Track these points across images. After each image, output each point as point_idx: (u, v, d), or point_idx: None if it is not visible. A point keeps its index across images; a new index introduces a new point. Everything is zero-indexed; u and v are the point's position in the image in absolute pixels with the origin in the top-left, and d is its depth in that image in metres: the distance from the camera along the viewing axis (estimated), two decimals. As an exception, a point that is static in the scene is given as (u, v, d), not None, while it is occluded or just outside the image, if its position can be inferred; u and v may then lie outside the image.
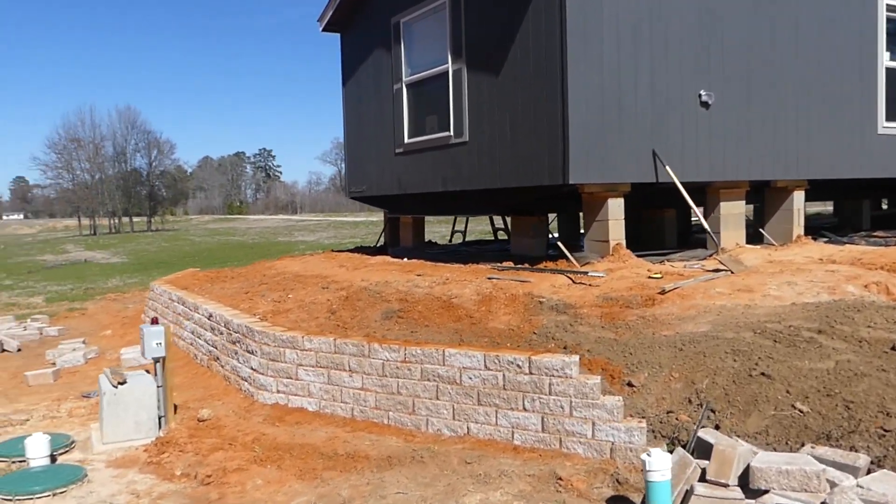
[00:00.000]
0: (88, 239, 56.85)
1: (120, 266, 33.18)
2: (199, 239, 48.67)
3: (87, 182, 69.23)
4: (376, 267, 11.23)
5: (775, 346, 6.13)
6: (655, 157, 9.33)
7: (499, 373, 5.78)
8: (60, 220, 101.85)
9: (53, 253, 43.22)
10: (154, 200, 72.58)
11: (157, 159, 73.03)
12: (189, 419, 6.78)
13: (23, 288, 25.21)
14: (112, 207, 70.40)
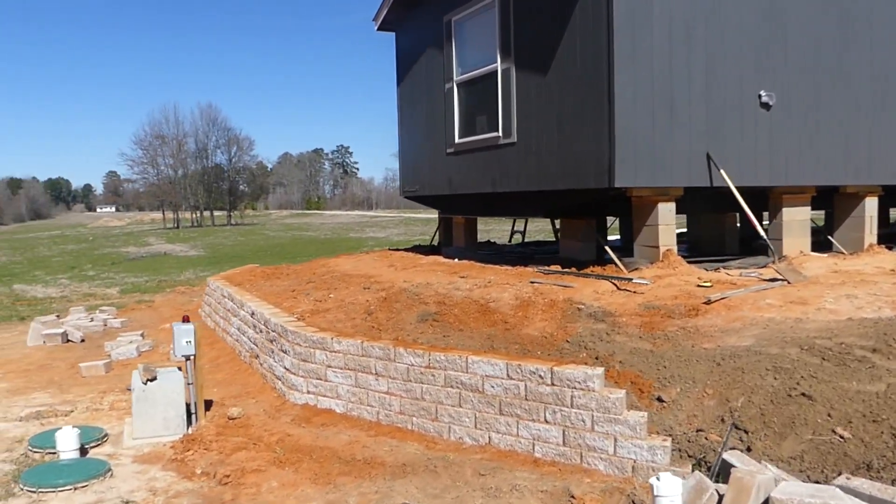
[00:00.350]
0: (170, 232, 59.02)
1: (196, 259, 34.25)
2: (274, 234, 49.83)
3: (170, 177, 71.88)
4: (424, 267, 11.15)
5: (822, 364, 5.73)
6: (710, 161, 8.92)
7: (521, 382, 5.60)
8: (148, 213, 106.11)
9: (136, 245, 45.03)
10: (233, 195, 74.73)
11: (236, 155, 75.25)
12: (220, 417, 6.85)
13: (103, 279, 26.33)
14: (194, 202, 72.86)
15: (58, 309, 16.46)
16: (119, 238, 52.25)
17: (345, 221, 61.95)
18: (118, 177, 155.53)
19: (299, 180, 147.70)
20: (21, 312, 16.67)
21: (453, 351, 6.16)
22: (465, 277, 9.63)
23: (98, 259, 36.19)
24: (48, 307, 17.39)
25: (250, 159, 77.56)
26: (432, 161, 12.78)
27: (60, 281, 26.17)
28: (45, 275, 28.91)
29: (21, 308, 18.07)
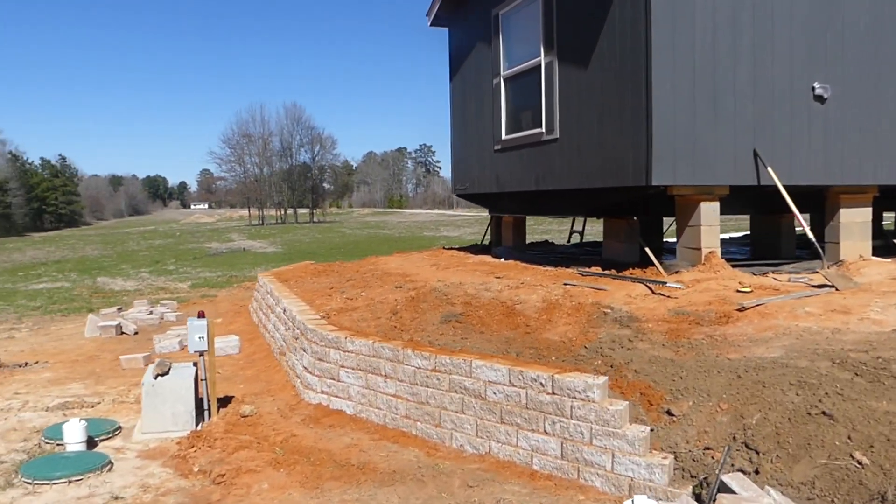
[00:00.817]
0: (252, 229, 60.75)
1: (272, 255, 35.05)
2: (350, 231, 50.59)
3: (255, 175, 74.05)
4: (467, 267, 10.97)
5: (853, 380, 5.24)
6: (757, 157, 8.38)
7: (522, 390, 5.36)
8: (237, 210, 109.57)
9: (219, 241, 46.51)
10: (316, 193, 76.33)
11: (319, 154, 76.79)
12: (233, 414, 6.87)
13: (180, 273, 27.23)
14: (278, 199, 74.83)
15: (127, 302, 17.07)
16: (204, 234, 54.15)
17: (422, 220, 62.31)
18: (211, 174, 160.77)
19: (382, 179, 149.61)
20: (93, 304, 17.39)
21: (459, 354, 5.96)
22: (501, 278, 9.39)
23: (181, 254, 37.51)
24: (119, 300, 18.07)
25: (332, 158, 79.10)
26: (481, 158, 12.57)
27: (141, 274, 27.19)
28: (129, 268, 30.14)
29: (95, 300, 18.85)
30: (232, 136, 73.83)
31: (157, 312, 13.83)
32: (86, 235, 62.40)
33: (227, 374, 8.99)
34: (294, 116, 75.70)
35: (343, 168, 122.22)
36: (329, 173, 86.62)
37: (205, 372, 6.72)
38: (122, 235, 57.18)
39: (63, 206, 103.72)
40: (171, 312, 13.76)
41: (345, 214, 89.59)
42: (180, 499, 5.13)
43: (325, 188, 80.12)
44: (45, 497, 5.21)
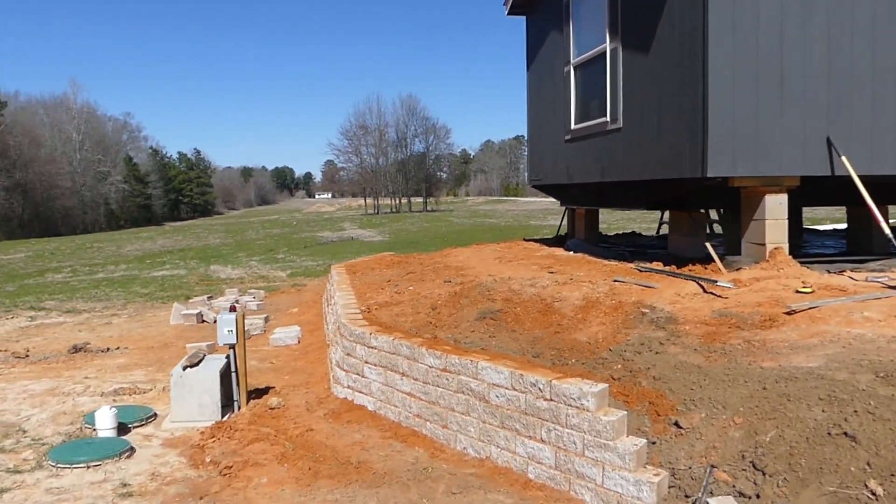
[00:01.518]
0: (365, 218, 62.25)
1: (377, 244, 35.77)
2: (458, 221, 50.82)
3: (371, 165, 75.81)
4: (532, 260, 10.70)
5: (893, 396, 4.66)
6: (830, 145, 7.65)
7: (522, 394, 5.13)
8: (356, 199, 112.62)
9: (332, 230, 47.95)
10: (429, 183, 77.23)
11: (433, 143, 77.57)
12: (261, 405, 6.99)
13: (285, 262, 28.26)
14: (393, 189, 76.31)
15: (223, 290, 17.85)
16: (319, 223, 55.98)
17: (534, 209, 61.70)
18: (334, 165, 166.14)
19: (499, 167, 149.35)
20: (196, 292, 18.29)
21: (469, 354, 5.79)
22: (554, 273, 9.08)
23: (293, 243, 38.94)
24: (220, 288, 18.93)
25: (446, 147, 79.73)
26: (553, 149, 12.22)
27: (251, 263, 28.40)
28: (244, 257, 31.54)
29: (199, 288, 19.84)
30: (350, 128, 76.01)
31: (242, 301, 14.35)
32: (213, 225, 65.99)
33: (279, 364, 9.19)
34: (409, 107, 76.90)
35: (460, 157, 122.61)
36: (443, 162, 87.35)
37: (234, 364, 6.87)
38: (244, 224, 60.03)
39: (197, 197, 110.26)
40: (254, 302, 14.25)
41: (459, 203, 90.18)
42: (181, 489, 5.26)
43: (439, 177, 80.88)
44: (64, 480, 5.49)
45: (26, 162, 66.48)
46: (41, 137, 72.07)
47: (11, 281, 26.77)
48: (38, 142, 70.13)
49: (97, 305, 16.24)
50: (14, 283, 25.52)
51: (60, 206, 69.66)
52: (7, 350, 10.68)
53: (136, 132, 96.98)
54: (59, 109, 79.47)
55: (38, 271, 30.12)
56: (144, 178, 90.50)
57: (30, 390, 8.05)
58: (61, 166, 71.68)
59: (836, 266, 8.23)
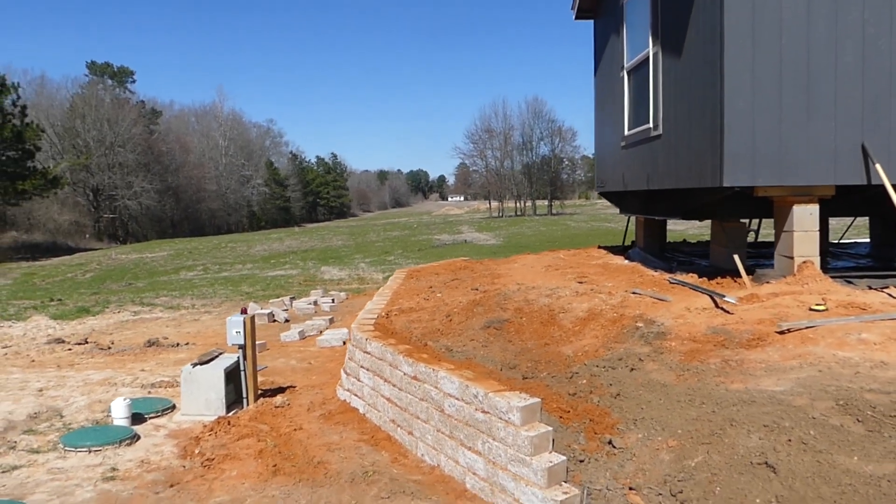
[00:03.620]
0: (484, 221, 62.65)
1: (486, 248, 36.01)
2: (575, 224, 50.16)
3: (496, 168, 76.18)
4: (579, 269, 10.58)
5: (842, 426, 4.37)
6: (866, 153, 7.11)
7: (467, 405, 5.20)
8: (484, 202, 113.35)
9: (449, 233, 48.68)
10: (554, 186, 76.61)
11: (559, 146, 76.87)
12: (268, 404, 7.40)
13: (392, 264, 29.04)
14: (518, 192, 76.34)
15: (313, 291, 18.69)
16: (439, 226, 56.94)
17: (659, 212, 59.81)
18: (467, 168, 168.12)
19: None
20: (297, 291, 19.22)
21: (434, 363, 5.90)
22: (583, 283, 8.96)
23: (409, 245, 39.87)
24: (309, 288, 19.80)
25: (572, 150, 78.75)
26: (613, 155, 11.99)
27: (360, 265, 29.41)
28: (360, 258, 32.68)
29: (301, 287, 20.85)
30: (475, 132, 76.75)
31: (320, 302, 15.03)
32: (340, 227, 68.64)
33: (316, 364, 9.62)
34: (535, 110, 76.59)
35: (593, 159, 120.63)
36: (575, 165, 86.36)
37: (242, 364, 7.31)
38: (369, 227, 62.05)
39: (334, 200, 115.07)
40: (328, 304, 14.87)
41: (587, 206, 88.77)
42: (159, 476, 5.72)
43: (564, 180, 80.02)
44: (69, 461, 6.10)
45: (177, 167, 72.15)
46: (190, 143, 77.97)
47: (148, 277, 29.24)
48: (187, 148, 75.95)
49: (198, 303, 17.48)
50: (147, 280, 27.87)
51: (206, 208, 75.05)
52: (95, 342, 11.79)
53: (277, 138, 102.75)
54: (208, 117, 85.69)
55: (175, 269, 32.62)
56: (284, 182, 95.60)
57: (88, 379, 8.90)
58: (208, 170, 77.22)
59: (883, 281, 7.61)
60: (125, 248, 50.02)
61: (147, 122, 70.63)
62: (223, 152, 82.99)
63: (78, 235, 58.11)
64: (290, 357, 10.06)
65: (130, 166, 64.03)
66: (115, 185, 62.76)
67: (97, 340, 12.08)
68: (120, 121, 63.42)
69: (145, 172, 65.03)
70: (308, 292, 17.90)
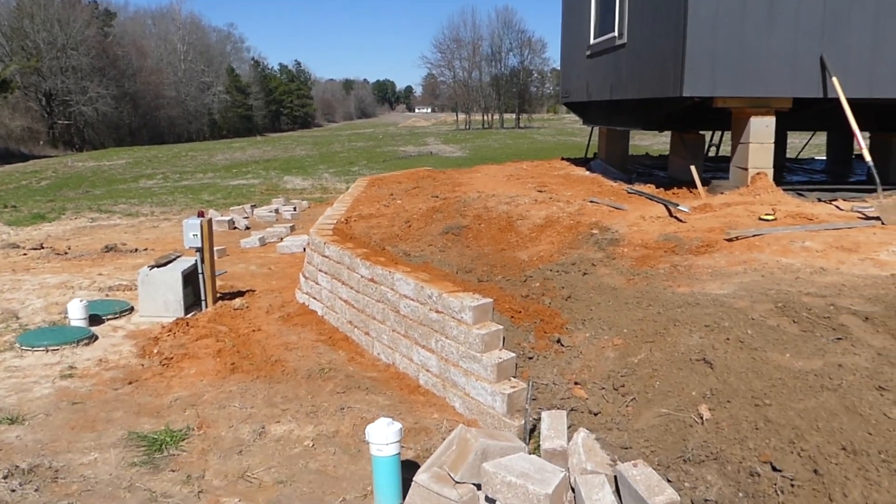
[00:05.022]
0: (450, 133, 61.98)
1: (453, 159, 35.71)
2: (542, 138, 49.96)
3: (464, 80, 74.92)
4: (540, 178, 10.64)
5: (779, 327, 4.56)
6: (824, 66, 7.15)
7: (422, 306, 5.30)
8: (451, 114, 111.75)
9: (415, 145, 48.13)
10: (523, 99, 75.72)
11: (528, 58, 75.59)
12: (227, 306, 7.45)
13: (356, 174, 28.69)
14: (485, 104, 75.41)
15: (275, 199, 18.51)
16: (405, 137, 56.27)
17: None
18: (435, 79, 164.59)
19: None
20: (259, 200, 18.98)
21: (391, 266, 5.97)
22: (543, 192, 9.03)
23: (374, 156, 39.36)
24: (271, 197, 19.60)
25: (542, 62, 77.47)
26: (578, 65, 11.88)
27: (324, 175, 29.03)
28: (323, 168, 32.22)
29: (262, 196, 20.62)
30: (443, 41, 74.99)
31: (281, 211, 14.94)
32: (304, 137, 67.49)
33: (276, 269, 9.66)
34: (504, 20, 74.88)
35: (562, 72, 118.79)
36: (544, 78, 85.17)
37: (200, 267, 7.32)
38: (333, 137, 61.11)
39: (297, 109, 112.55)
40: (290, 212, 14.79)
41: (555, 120, 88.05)
42: (117, 374, 5.79)
43: (533, 93, 79.05)
44: (26, 360, 6.13)
45: (134, 72, 69.51)
46: (147, 48, 74.92)
47: (106, 185, 28.59)
48: (144, 52, 73.02)
49: (157, 210, 17.25)
50: (105, 188, 27.27)
51: (165, 115, 72.90)
52: (51, 247, 11.64)
53: (238, 43, 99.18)
54: (165, 20, 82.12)
55: (133, 177, 31.89)
56: (246, 90, 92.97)
57: (45, 283, 8.84)
58: (166, 76, 74.56)
59: (828, 195, 7.81)
60: (82, 155, 48.67)
61: (101, 23, 67.48)
62: (182, 58, 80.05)
63: (31, 142, 56.28)
64: (249, 263, 10.08)
65: (84, 70, 61.53)
66: (69, 90, 60.45)
67: (53, 246, 11.92)
68: (72, 22, 60.50)
69: (100, 77, 62.59)
70: (270, 201, 17.74)
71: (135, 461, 4.11)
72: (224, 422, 4.61)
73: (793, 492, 3.29)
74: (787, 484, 3.33)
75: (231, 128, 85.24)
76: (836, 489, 3.19)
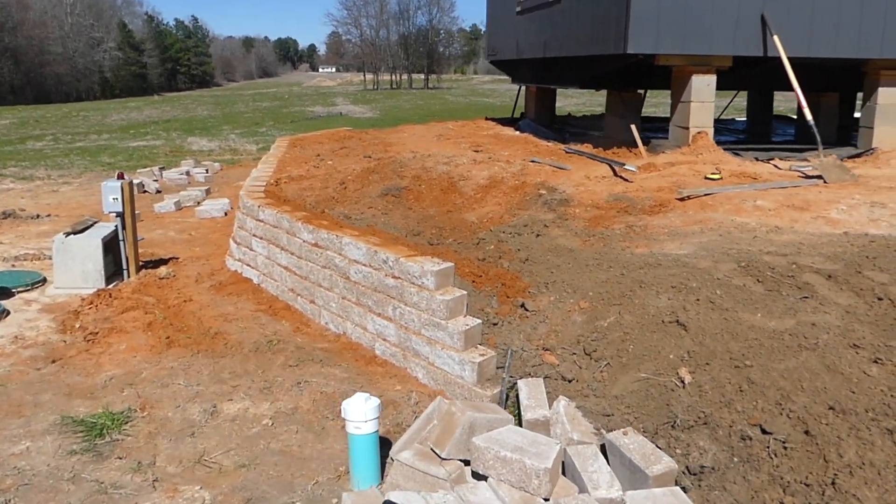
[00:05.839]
0: (360, 94, 60.90)
1: (365, 120, 34.97)
2: (454, 99, 49.69)
3: (372, 38, 73.42)
4: (471, 139, 10.37)
5: (745, 286, 4.51)
6: (765, 24, 7.16)
7: (376, 271, 4.99)
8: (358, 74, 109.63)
9: (323, 105, 46.90)
10: (431, 59, 74.94)
11: (436, 17, 74.67)
12: (151, 275, 6.91)
13: (264, 136, 27.70)
14: (394, 64, 74.25)
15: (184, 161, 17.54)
16: (312, 98, 54.79)
17: (534, 90, 60.17)
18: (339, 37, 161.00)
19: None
20: (163, 163, 17.94)
21: (337, 230, 5.61)
22: (479, 151, 8.80)
23: (281, 117, 38.10)
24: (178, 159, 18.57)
25: (450, 21, 76.73)
26: (507, 22, 11.61)
27: (230, 136, 27.83)
28: (228, 129, 30.91)
29: (166, 159, 19.52)
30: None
31: (193, 173, 14.15)
32: (204, 96, 64.80)
33: (197, 235, 9.09)
34: (413, -24, 73.29)
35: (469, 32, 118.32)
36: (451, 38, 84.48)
37: (121, 233, 6.73)
38: (237, 97, 58.91)
39: (195, 67, 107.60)
40: (203, 175, 14.03)
41: (464, 81, 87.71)
42: (38, 352, 5.24)
43: (443, 53, 78.33)
44: (-68, 337, 5.46)
45: (14, 25, 64.47)
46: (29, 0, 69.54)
47: (-10, 147, 26.48)
48: (25, 4, 67.70)
49: (53, 173, 16.04)
50: (-11, 149, 25.25)
51: (52, 72, 68.05)
52: (-63, 214, 10.57)
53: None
54: (48, -31, 76.22)
55: (20, 139, 29.67)
56: (139, 46, 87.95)
57: (-63, 253, 7.99)
58: (52, 30, 69.48)
59: (769, 154, 7.91)
60: (-41, 114, 45.00)
61: (-25, -29, 62.17)
62: (68, 10, 74.72)
63: None
64: (167, 228, 9.43)
65: (-43, 21, 56.65)
66: (-59, 43, 55.60)
67: (-61, 212, 10.84)
68: (-58, -32, 55.42)
69: (-24, 30, 57.82)
70: (179, 163, 16.78)
71: (74, 449, 3.67)
72: (169, 401, 4.21)
73: (786, 454, 3.23)
74: (779, 447, 3.26)
75: (124, 87, 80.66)
76: (831, 450, 3.14)
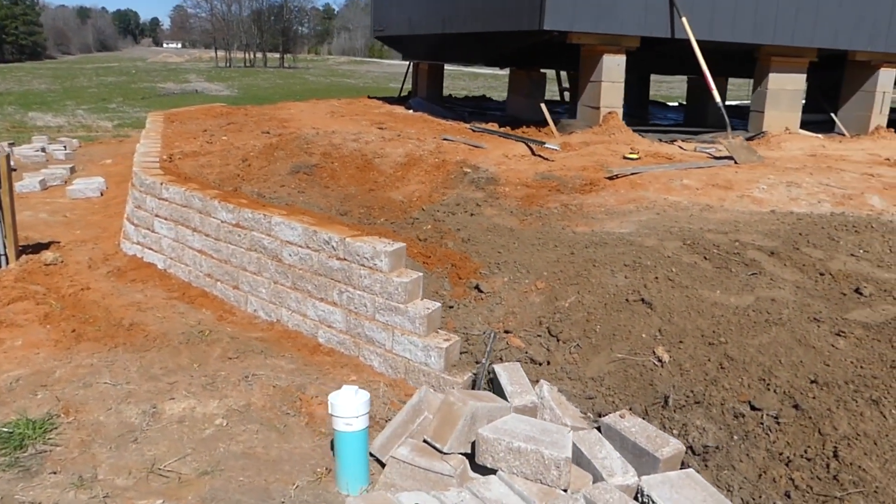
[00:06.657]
0: (213, 71, 58.15)
1: (223, 98, 33.25)
2: (314, 79, 48.51)
3: (223, 13, 70.16)
4: (367, 116, 10.00)
5: (696, 264, 4.55)
6: (673, 6, 7.32)
7: (315, 253, 4.60)
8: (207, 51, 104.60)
9: (175, 82, 44.27)
10: (287, 37, 72.68)
11: (292, -6, 72.31)
12: (35, 261, 6.11)
13: (117, 112, 25.76)
14: (247, 41, 71.40)
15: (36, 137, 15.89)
16: (162, 74, 51.66)
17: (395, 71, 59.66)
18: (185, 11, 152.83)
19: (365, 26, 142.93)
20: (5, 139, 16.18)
21: (263, 209, 5.16)
22: (384, 129, 8.48)
23: (130, 93, 35.59)
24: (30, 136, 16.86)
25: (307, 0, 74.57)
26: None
27: (77, 112, 25.67)
28: (73, 105, 28.48)
29: (8, 135, 17.64)
30: (199, -31, 69.03)
31: (50, 150, 12.81)
32: (40, 69, 59.59)
33: (74, 217, 8.19)
34: (267, -48, 70.52)
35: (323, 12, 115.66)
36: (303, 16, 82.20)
37: (0, 215, 5.89)
38: (77, 70, 54.57)
39: (24, 37, 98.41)
40: (62, 152, 12.73)
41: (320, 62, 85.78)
42: None
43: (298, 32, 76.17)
44: None
45: None
46: None
47: None
48: None
49: None
50: None
51: None
52: None
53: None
54: None
55: None
56: (-43, 10, 79.33)
57: None
58: None
59: (669, 136, 8.14)
60: None
61: None
62: None
63: None
64: (37, 210, 8.41)
65: None
66: None
67: None
68: None
69: None
70: (29, 139, 15.17)
71: (-7, 467, 3.09)
72: (97, 403, 3.66)
73: (780, 429, 3.24)
74: (772, 422, 3.27)
75: (-60, 55, 72.51)
76: (825, 423, 3.18)
